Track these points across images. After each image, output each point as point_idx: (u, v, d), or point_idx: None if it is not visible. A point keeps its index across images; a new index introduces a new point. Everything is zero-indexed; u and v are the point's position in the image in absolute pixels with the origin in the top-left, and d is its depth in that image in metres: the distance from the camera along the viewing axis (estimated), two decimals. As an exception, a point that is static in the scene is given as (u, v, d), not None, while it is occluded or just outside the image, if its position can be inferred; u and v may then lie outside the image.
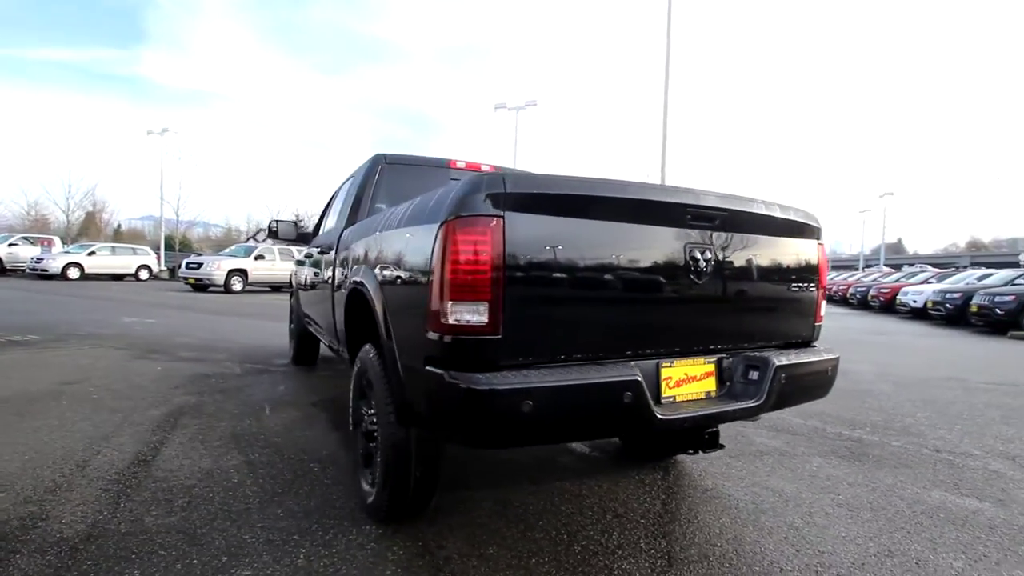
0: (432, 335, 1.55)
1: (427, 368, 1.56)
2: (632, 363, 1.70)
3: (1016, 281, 12.93)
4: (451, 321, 1.48)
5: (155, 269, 23.65)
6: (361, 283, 2.25)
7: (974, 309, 11.87)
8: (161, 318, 9.43)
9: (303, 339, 5.32)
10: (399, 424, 1.97)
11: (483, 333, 1.47)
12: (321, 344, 5.57)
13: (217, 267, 16.68)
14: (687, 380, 1.83)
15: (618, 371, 1.59)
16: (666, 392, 1.76)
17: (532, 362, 1.55)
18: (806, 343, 2.23)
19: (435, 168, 3.45)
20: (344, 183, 4.12)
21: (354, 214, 3.18)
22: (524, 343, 1.53)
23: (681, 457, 3.06)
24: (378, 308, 1.99)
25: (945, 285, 14.80)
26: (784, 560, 2.06)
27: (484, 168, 3.61)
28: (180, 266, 19.37)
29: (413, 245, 1.71)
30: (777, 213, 2.02)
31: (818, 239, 2.22)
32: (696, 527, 2.29)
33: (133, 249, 23.81)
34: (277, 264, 18.58)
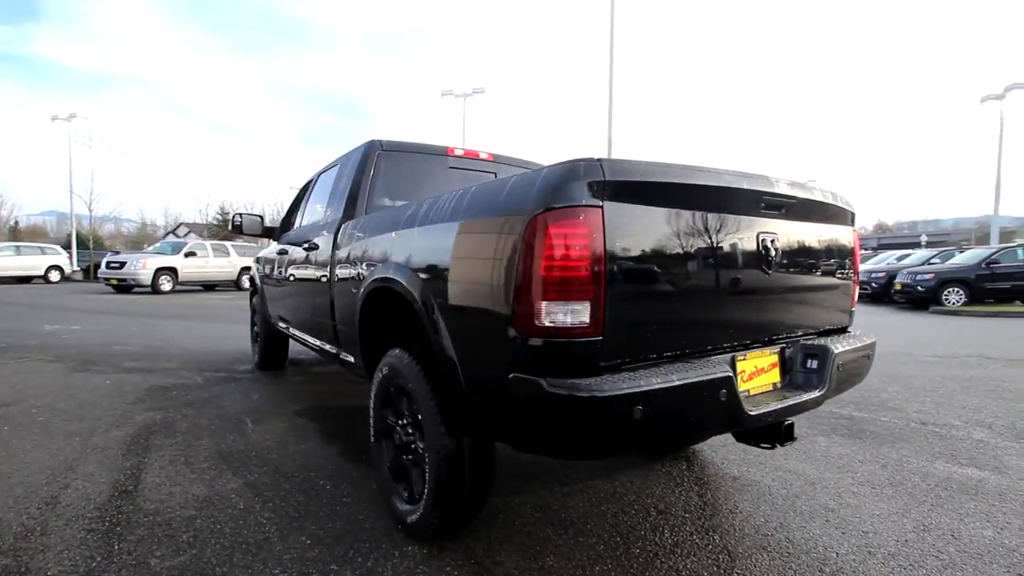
0: (518, 339, 1.40)
1: (514, 376, 1.41)
2: (713, 358, 1.63)
3: (932, 260, 14.18)
4: (545, 323, 1.34)
5: (67, 270, 21.52)
6: (391, 281, 2.04)
7: (897, 287, 12.91)
8: (88, 324, 8.53)
9: (271, 342, 4.94)
10: (450, 434, 1.81)
11: (584, 335, 1.34)
12: (290, 346, 5.22)
13: (143, 266, 15.35)
14: (757, 372, 1.78)
15: (711, 368, 1.51)
16: (741, 386, 1.70)
17: (626, 363, 1.44)
18: (843, 329, 2.26)
19: (433, 155, 3.23)
20: (323, 173, 3.81)
21: (352, 206, 2.92)
22: (620, 343, 1.41)
23: (697, 447, 3.06)
24: (423, 310, 1.81)
25: (869, 266, 16.01)
26: (835, 544, 2.08)
27: (482, 156, 3.43)
28: (99, 266, 17.71)
29: (482, 239, 1.54)
30: (830, 200, 2.01)
31: (853, 225, 2.24)
32: (741, 518, 2.28)
33: (41, 248, 21.52)
34: (210, 261, 17.42)
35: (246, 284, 18.71)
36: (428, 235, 1.85)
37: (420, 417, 1.92)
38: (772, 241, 1.76)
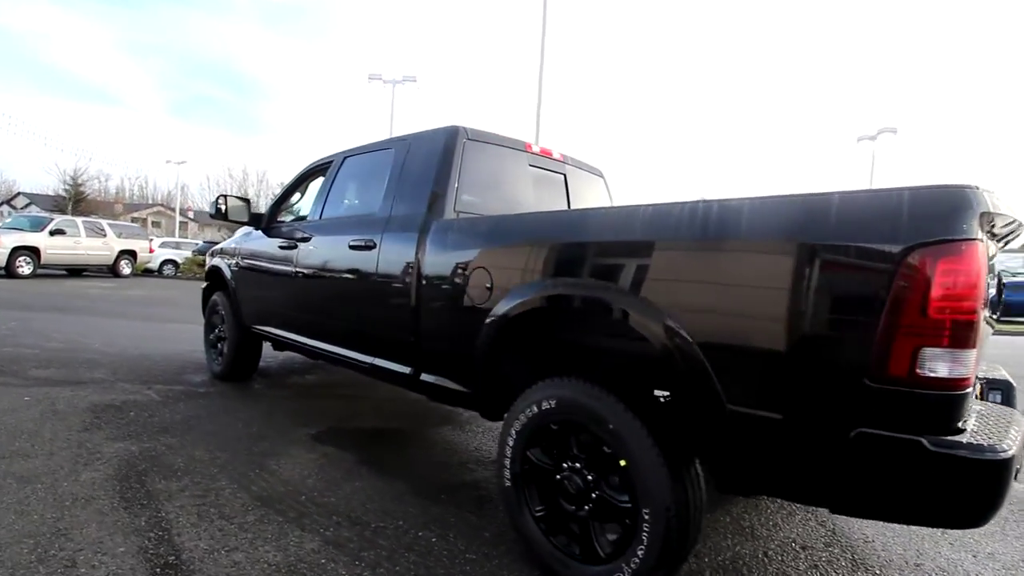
0: (874, 390, 1.18)
1: (859, 431, 1.19)
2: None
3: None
4: (926, 373, 1.14)
5: None
6: (580, 300, 1.71)
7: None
8: (-61, 317, 6.74)
9: (244, 349, 4.17)
10: (676, 481, 1.54)
11: (962, 387, 1.16)
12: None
13: (-6, 244, 12.60)
14: (978, 409, 1.73)
15: (1011, 413, 1.41)
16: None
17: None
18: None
19: (514, 150, 2.87)
20: (353, 157, 3.25)
21: (438, 202, 2.47)
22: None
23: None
24: (661, 342, 1.51)
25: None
26: (980, 568, 2.10)
27: (555, 155, 3.13)
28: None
29: (802, 267, 1.28)
30: None
31: None
32: (880, 546, 2.24)
33: None
34: (82, 242, 14.86)
35: (125, 270, 16.23)
36: (661, 252, 1.55)
37: (625, 463, 1.62)
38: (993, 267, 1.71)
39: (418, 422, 3.60)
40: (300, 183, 3.87)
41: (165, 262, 19.34)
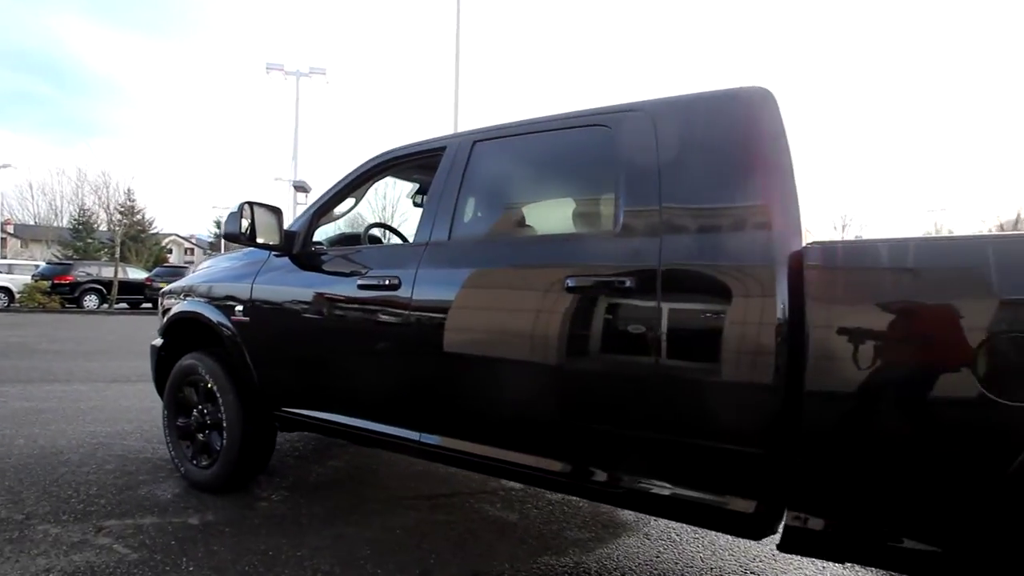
0: None
1: None
2: None
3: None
4: None
5: None
6: None
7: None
8: None
9: (256, 440, 2.72)
10: None
11: None
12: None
13: None
14: None
15: None
16: None
17: None
18: None
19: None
20: (501, 141, 2.08)
21: (782, 212, 1.46)
22: None
23: None
24: None
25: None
26: None
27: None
28: None
29: None
30: None
31: None
32: None
33: None
34: None
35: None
36: None
37: None
38: None
39: (587, 539, 2.44)
40: (355, 187, 2.55)
41: (-9, 291, 15.10)
